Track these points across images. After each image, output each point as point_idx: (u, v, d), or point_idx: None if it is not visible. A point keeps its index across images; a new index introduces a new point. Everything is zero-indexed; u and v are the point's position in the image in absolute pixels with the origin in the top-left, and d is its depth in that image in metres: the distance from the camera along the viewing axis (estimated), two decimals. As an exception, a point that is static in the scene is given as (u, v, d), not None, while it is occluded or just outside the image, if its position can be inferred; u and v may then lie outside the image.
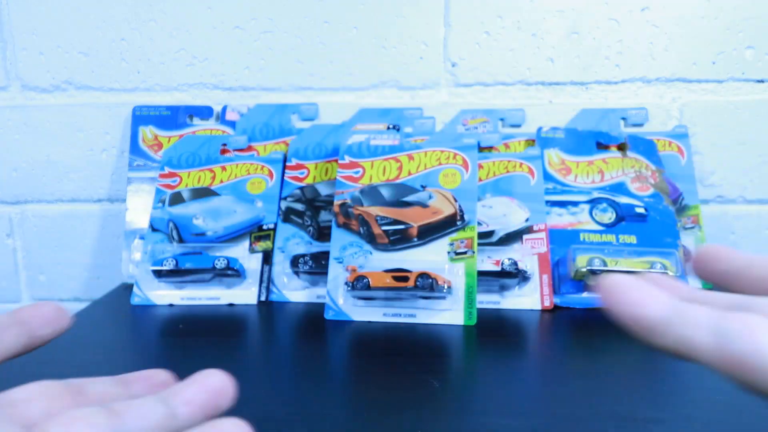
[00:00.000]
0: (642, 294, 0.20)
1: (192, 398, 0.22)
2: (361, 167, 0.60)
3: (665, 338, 0.20)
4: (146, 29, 0.73)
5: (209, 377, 0.23)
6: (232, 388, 0.23)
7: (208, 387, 0.22)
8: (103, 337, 0.51)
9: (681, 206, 0.65)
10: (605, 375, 0.41)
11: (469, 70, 0.72)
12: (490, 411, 0.36)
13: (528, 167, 0.63)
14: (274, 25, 0.72)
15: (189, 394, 0.22)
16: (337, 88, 0.73)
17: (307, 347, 0.48)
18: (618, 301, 0.20)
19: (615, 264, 0.55)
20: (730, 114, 0.71)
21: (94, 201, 0.77)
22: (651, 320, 0.20)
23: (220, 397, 0.22)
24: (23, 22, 0.73)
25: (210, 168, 0.66)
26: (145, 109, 0.72)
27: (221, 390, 0.22)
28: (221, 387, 0.22)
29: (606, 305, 0.21)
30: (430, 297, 0.52)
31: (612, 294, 0.21)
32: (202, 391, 0.22)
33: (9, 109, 0.75)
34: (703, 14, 0.69)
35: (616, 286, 0.21)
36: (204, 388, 0.22)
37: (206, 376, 0.23)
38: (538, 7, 0.70)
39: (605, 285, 0.21)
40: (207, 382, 0.22)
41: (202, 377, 0.23)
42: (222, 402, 0.22)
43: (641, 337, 0.20)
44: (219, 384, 0.22)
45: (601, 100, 0.72)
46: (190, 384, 0.22)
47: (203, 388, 0.22)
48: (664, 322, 0.20)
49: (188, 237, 0.62)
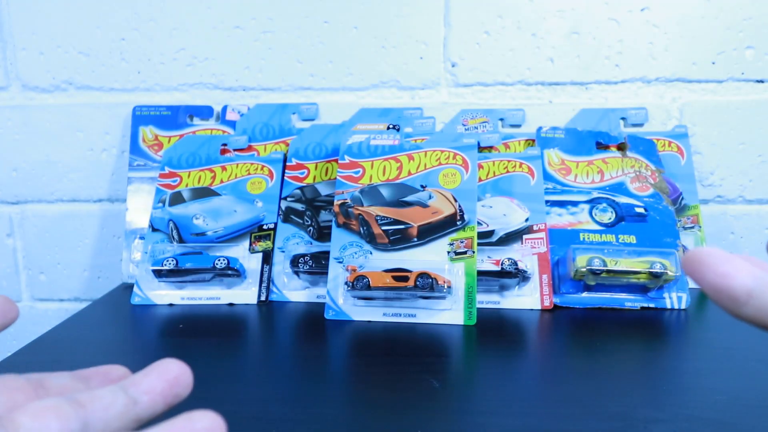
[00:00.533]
0: (728, 266, 0.21)
1: (151, 387, 0.22)
2: (361, 167, 0.60)
3: (748, 308, 0.21)
4: (146, 29, 0.73)
5: (166, 366, 0.23)
6: (189, 377, 0.23)
7: (166, 376, 0.23)
8: (103, 337, 0.51)
9: (681, 206, 0.65)
10: (605, 375, 0.41)
11: (469, 70, 0.72)
12: (490, 411, 0.36)
13: (528, 167, 0.63)
14: (274, 25, 0.72)
15: (148, 384, 0.22)
16: (337, 88, 0.73)
17: (307, 347, 0.48)
18: (705, 272, 0.21)
19: (615, 264, 0.55)
20: (730, 114, 0.71)
21: (94, 201, 0.77)
22: (737, 291, 0.21)
23: (179, 386, 0.23)
24: (23, 22, 0.73)
25: (210, 168, 0.66)
26: (145, 109, 0.72)
27: (179, 378, 0.23)
28: (179, 375, 0.23)
29: (692, 277, 0.22)
30: (430, 297, 0.52)
31: (699, 266, 0.21)
32: (160, 380, 0.23)
33: (9, 109, 0.75)
34: (703, 14, 0.69)
35: (702, 258, 0.21)
36: (162, 377, 0.23)
37: (163, 365, 0.23)
38: (538, 7, 0.70)
39: (691, 257, 0.22)
40: (164, 371, 0.23)
41: (159, 366, 0.23)
42: (181, 390, 0.23)
43: (726, 307, 0.21)
44: (176, 372, 0.23)
45: (601, 100, 0.72)
46: (148, 374, 0.23)
47: (161, 377, 0.23)
48: (748, 293, 0.21)
49: (188, 237, 0.62)
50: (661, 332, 0.50)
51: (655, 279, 0.54)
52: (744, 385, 0.39)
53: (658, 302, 0.55)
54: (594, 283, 0.56)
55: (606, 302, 0.56)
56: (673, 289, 0.56)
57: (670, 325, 0.52)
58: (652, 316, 0.53)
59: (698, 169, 0.71)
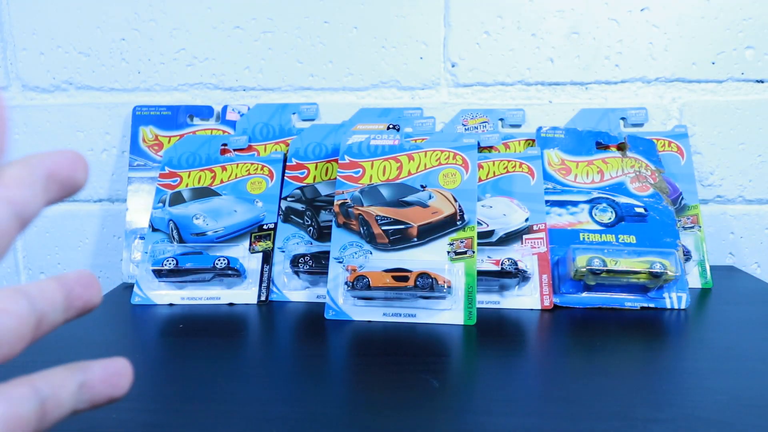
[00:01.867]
0: None
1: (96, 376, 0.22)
2: (361, 167, 0.60)
3: None
4: (146, 29, 0.73)
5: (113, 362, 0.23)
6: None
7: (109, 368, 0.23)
8: (103, 336, 0.51)
9: (680, 206, 0.65)
10: (605, 375, 0.41)
11: (469, 70, 0.72)
12: (490, 411, 0.36)
13: (528, 167, 0.63)
14: (274, 25, 0.72)
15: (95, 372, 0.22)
16: (337, 88, 0.73)
17: (307, 347, 0.48)
18: None
19: (615, 264, 0.55)
20: (730, 114, 0.71)
21: (95, 201, 0.77)
22: None
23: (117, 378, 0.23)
24: (23, 22, 0.73)
25: (210, 168, 0.66)
26: (145, 109, 0.72)
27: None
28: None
29: None
30: (430, 297, 0.52)
31: None
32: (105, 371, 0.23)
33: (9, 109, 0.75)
34: (703, 14, 0.69)
35: None
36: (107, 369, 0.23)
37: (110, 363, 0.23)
38: (538, 7, 0.70)
39: None
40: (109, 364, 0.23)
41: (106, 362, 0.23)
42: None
43: None
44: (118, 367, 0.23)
45: (600, 100, 0.72)
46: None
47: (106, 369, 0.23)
48: None
49: (188, 237, 0.62)
50: (661, 332, 0.50)
51: (655, 279, 0.54)
52: (744, 385, 0.39)
53: (658, 302, 0.55)
54: (594, 283, 0.56)
55: (606, 302, 0.56)
56: (673, 289, 0.56)
57: (670, 325, 0.52)
58: (652, 316, 0.53)
59: (698, 169, 0.71)
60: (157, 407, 0.37)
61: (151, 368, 0.44)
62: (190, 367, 0.43)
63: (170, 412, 0.36)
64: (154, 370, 0.43)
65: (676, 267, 0.55)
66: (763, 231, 0.72)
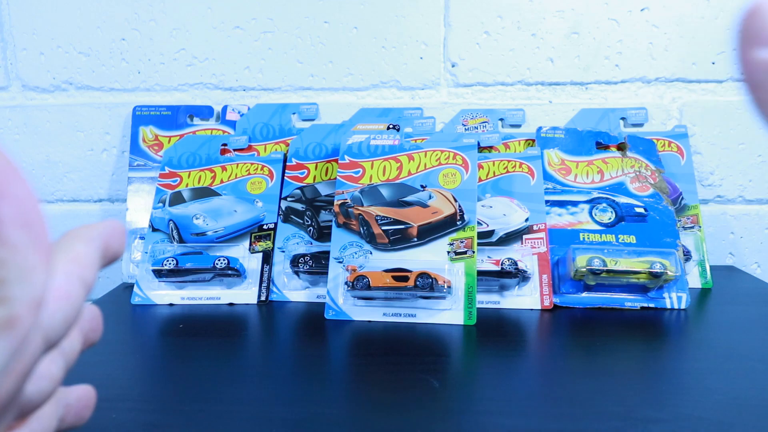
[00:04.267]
0: None
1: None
2: (361, 167, 0.60)
3: None
4: (146, 29, 0.73)
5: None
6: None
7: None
8: (103, 336, 0.51)
9: (680, 206, 0.65)
10: (605, 375, 0.41)
11: (469, 70, 0.72)
12: (490, 411, 0.36)
13: (528, 167, 0.63)
14: (274, 25, 0.72)
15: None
16: (337, 88, 0.73)
17: (307, 347, 0.48)
18: None
19: (615, 264, 0.55)
20: (730, 114, 0.71)
21: (95, 201, 0.77)
22: None
23: None
24: (23, 22, 0.73)
25: (210, 168, 0.66)
26: (145, 109, 0.72)
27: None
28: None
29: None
30: (430, 297, 0.52)
31: None
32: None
33: (9, 109, 0.75)
34: (703, 14, 0.69)
35: None
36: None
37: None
38: (538, 7, 0.70)
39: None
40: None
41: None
42: None
43: None
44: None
45: (600, 100, 0.72)
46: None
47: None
48: None
49: (188, 237, 0.62)
50: (661, 332, 0.50)
51: (655, 279, 0.54)
52: (744, 385, 0.39)
53: (658, 302, 0.55)
54: (594, 283, 0.56)
55: (606, 302, 0.56)
56: (673, 289, 0.56)
57: (670, 325, 0.52)
58: (652, 316, 0.53)
59: (698, 169, 0.71)
60: (157, 407, 0.37)
61: (151, 368, 0.44)
62: (190, 367, 0.43)
63: (170, 412, 0.36)
64: (154, 370, 0.43)
65: (676, 267, 0.55)
66: (763, 231, 0.72)
